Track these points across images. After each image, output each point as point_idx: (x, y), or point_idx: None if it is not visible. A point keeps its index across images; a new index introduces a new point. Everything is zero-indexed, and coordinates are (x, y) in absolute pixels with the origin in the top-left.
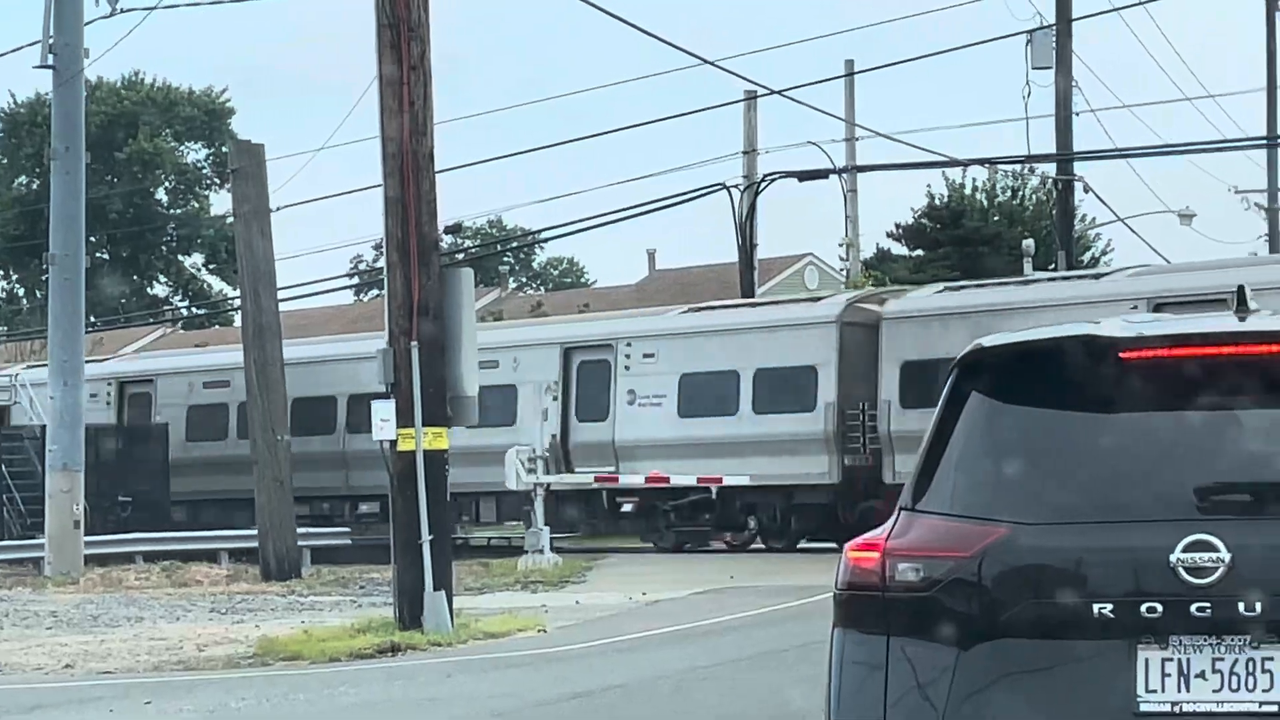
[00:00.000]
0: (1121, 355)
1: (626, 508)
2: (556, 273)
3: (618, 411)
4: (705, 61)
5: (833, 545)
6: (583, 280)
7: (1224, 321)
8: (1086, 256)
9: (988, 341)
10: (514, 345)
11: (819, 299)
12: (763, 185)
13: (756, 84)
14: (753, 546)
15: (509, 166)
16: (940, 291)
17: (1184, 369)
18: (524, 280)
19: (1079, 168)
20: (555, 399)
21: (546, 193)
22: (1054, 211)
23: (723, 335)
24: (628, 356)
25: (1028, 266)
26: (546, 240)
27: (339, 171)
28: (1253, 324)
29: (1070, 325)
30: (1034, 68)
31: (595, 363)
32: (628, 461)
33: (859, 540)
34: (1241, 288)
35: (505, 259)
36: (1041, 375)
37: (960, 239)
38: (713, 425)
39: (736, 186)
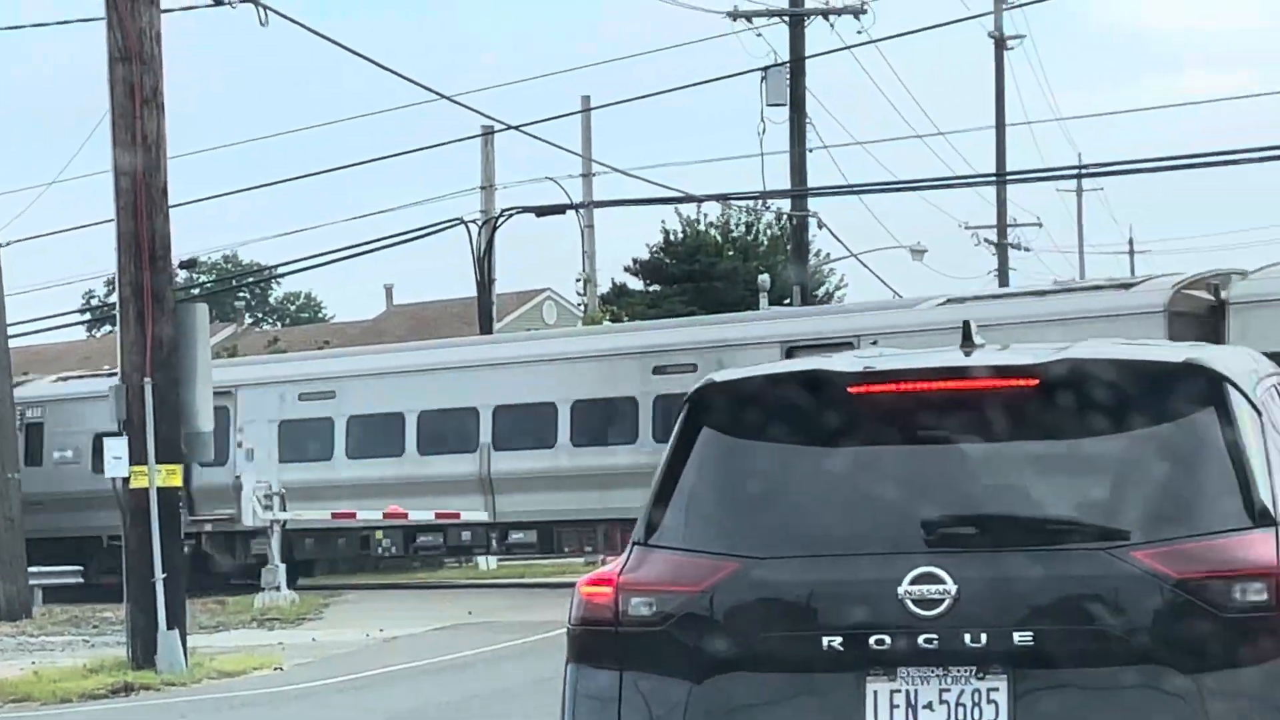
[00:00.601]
0: (849, 390)
1: None
2: (294, 308)
3: None
4: (442, 96)
5: None
6: (320, 315)
7: (950, 356)
8: (821, 291)
9: (719, 377)
10: (717, 344)
11: (1130, 285)
12: (500, 220)
13: (493, 119)
14: None
15: (244, 201)
16: None
17: (911, 403)
18: (260, 315)
19: (813, 203)
20: None
21: (282, 227)
22: (789, 247)
23: (1005, 330)
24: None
25: (763, 302)
26: (282, 275)
27: (71, 206)
28: (977, 358)
29: (800, 360)
30: (769, 104)
31: None
32: None
33: (592, 575)
34: (967, 323)
35: (241, 294)
36: (771, 410)
37: (695, 274)
38: None
39: (474, 221)
